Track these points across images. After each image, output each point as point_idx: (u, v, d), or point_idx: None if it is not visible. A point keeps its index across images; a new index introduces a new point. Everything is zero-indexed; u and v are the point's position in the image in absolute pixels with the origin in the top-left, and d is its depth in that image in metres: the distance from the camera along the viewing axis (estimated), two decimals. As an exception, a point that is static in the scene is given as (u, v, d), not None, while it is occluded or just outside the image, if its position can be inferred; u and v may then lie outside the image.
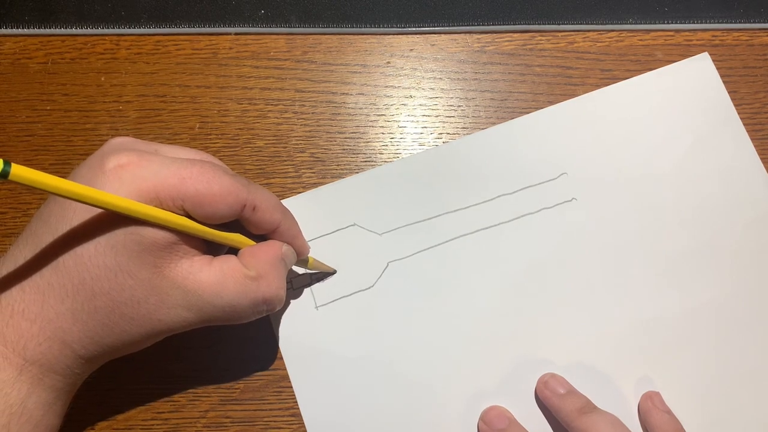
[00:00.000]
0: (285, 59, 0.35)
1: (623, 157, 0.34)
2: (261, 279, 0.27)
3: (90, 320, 0.24)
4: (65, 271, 0.24)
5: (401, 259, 0.33)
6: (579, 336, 0.32)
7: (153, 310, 0.25)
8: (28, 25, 0.35)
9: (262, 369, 0.32)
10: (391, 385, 0.32)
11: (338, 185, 0.34)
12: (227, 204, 0.25)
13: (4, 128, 0.35)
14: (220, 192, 0.25)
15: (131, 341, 0.26)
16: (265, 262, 0.27)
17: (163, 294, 0.25)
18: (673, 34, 0.36)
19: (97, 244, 0.24)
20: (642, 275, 0.33)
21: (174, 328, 0.26)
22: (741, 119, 0.35)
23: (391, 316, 0.32)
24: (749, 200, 0.34)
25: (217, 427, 0.32)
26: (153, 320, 0.25)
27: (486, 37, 0.36)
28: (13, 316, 0.24)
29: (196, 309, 0.26)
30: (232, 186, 0.26)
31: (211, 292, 0.26)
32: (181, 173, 0.25)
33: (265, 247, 0.28)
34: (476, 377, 0.32)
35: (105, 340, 0.25)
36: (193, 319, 0.26)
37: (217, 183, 0.25)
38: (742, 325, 0.32)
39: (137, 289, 0.24)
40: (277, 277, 0.27)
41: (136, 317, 0.25)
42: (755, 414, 0.32)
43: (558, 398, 0.30)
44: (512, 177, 0.34)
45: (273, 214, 0.27)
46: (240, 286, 0.26)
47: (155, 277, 0.25)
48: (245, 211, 0.26)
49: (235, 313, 0.27)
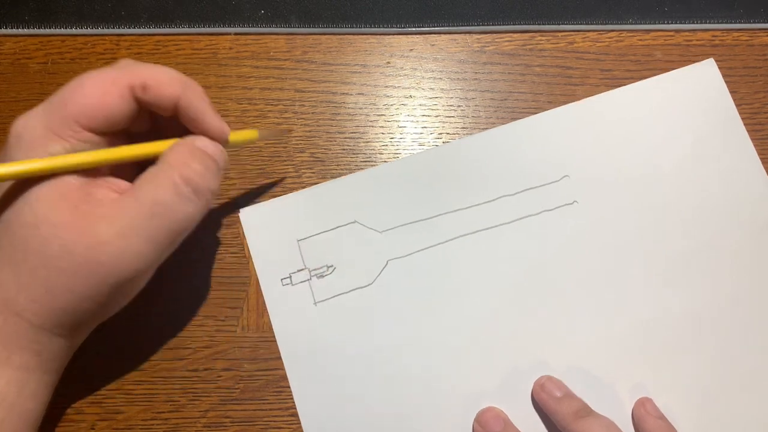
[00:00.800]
0: (285, 59, 0.36)
1: (625, 161, 0.34)
2: (171, 163, 0.25)
3: (31, 284, 0.23)
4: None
5: (401, 258, 0.33)
6: (577, 339, 0.32)
7: (87, 254, 0.23)
8: (28, 25, 0.35)
9: (261, 369, 0.32)
10: (387, 383, 0.32)
11: (340, 182, 0.34)
12: (113, 95, 0.24)
13: (4, 128, 0.35)
14: (97, 89, 0.24)
15: (84, 300, 0.24)
16: (176, 152, 0.26)
17: (90, 232, 0.23)
18: (673, 34, 0.36)
19: (15, 207, 0.24)
20: (642, 279, 0.33)
21: (125, 268, 0.24)
22: (741, 119, 0.35)
23: (390, 314, 0.32)
24: (749, 202, 0.34)
25: (217, 427, 0.32)
26: (92, 265, 0.23)
27: (486, 37, 0.36)
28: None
29: (128, 231, 0.24)
30: (107, 76, 0.25)
31: (132, 202, 0.24)
32: (59, 98, 0.24)
33: (176, 143, 0.26)
34: (473, 378, 0.32)
35: (54, 304, 0.24)
36: (138, 246, 0.24)
37: (90, 83, 0.25)
38: (742, 328, 0.32)
39: (63, 236, 0.23)
40: (190, 159, 0.25)
41: (73, 268, 0.23)
42: (753, 417, 0.32)
43: (554, 401, 0.30)
44: (514, 178, 0.34)
45: (167, 88, 0.25)
46: (153, 181, 0.24)
47: (77, 219, 0.23)
48: (136, 92, 0.25)
49: (165, 209, 0.24)
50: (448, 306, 0.32)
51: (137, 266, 0.24)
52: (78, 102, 0.24)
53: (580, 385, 0.31)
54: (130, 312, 0.29)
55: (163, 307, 0.32)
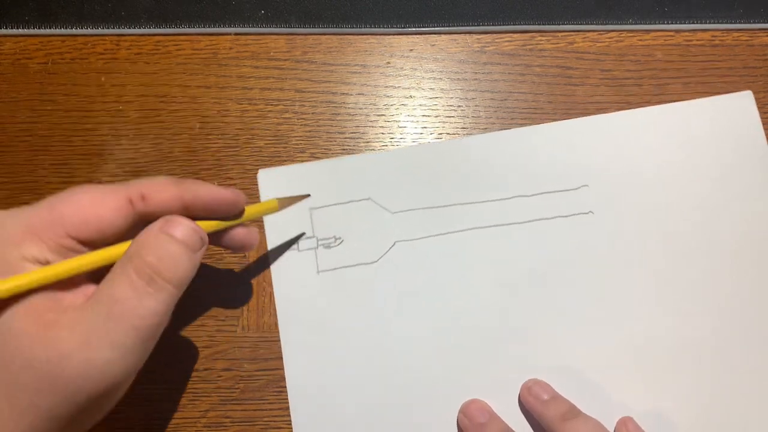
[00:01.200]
0: (285, 59, 0.36)
1: (648, 181, 0.34)
2: (128, 251, 0.23)
3: (16, 419, 0.21)
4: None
5: (409, 241, 0.33)
6: (570, 347, 0.32)
7: (49, 368, 0.21)
8: (28, 25, 0.35)
9: (261, 369, 0.32)
10: (375, 361, 0.32)
11: (360, 158, 0.34)
12: (110, 207, 0.23)
13: (4, 128, 0.35)
14: (95, 200, 0.23)
15: (51, 418, 0.21)
16: (136, 241, 0.23)
17: (53, 344, 0.21)
18: (673, 35, 0.36)
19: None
20: (643, 300, 0.33)
21: (90, 383, 0.21)
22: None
23: (389, 294, 0.32)
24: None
25: (217, 427, 0.32)
26: (56, 380, 0.21)
27: (486, 38, 0.36)
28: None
29: (90, 338, 0.21)
30: (105, 189, 0.24)
31: (89, 306, 0.22)
32: (49, 203, 0.23)
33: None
34: (461, 370, 0.32)
35: (20, 423, 0.21)
36: (101, 354, 0.21)
37: (87, 195, 0.23)
38: (741, 363, 0.32)
39: (24, 350, 0.21)
40: (146, 241, 0.23)
41: (36, 384, 0.21)
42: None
43: (541, 404, 0.30)
44: (533, 180, 0.34)
45: (166, 191, 0.24)
46: (111, 273, 0.22)
47: (39, 329, 0.21)
48: (136, 205, 0.24)
49: (125, 308, 0.22)
50: (447, 295, 0.33)
51: (106, 378, 0.22)
52: (70, 208, 0.23)
53: (569, 390, 0.31)
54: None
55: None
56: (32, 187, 0.34)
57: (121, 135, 0.34)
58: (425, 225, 0.33)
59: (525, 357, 0.32)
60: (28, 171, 0.34)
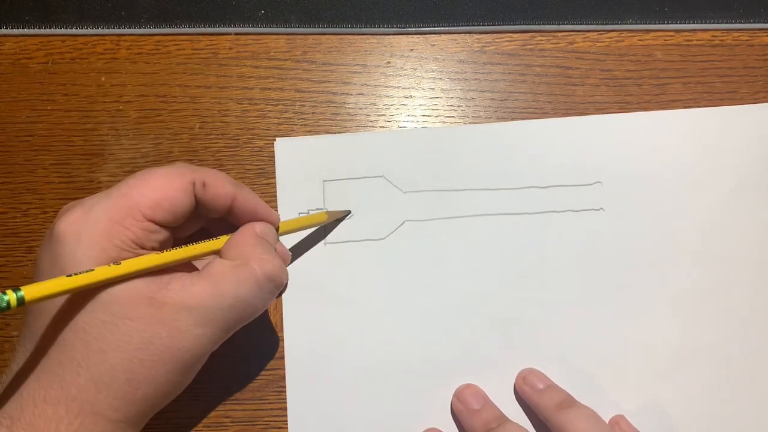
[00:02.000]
0: (285, 59, 0.36)
1: (662, 184, 0.34)
2: (250, 260, 0.26)
3: (112, 382, 0.24)
4: (68, 345, 0.24)
5: (418, 221, 0.33)
6: (569, 339, 0.32)
7: (168, 343, 0.24)
8: (28, 25, 0.35)
9: (262, 369, 0.32)
10: (372, 336, 0.32)
11: (377, 135, 0.34)
12: (178, 189, 0.26)
13: (4, 128, 0.35)
14: (165, 183, 0.25)
15: (163, 384, 0.25)
16: (244, 243, 0.27)
17: (171, 322, 0.24)
18: (673, 34, 0.36)
19: (87, 309, 0.24)
20: (645, 300, 0.33)
21: (200, 352, 0.25)
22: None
23: (394, 272, 0.33)
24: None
25: (217, 427, 0.32)
26: (174, 353, 0.24)
27: (486, 37, 0.36)
28: (36, 405, 0.23)
29: (207, 321, 0.25)
30: (172, 171, 0.26)
31: (211, 296, 0.25)
32: (121, 191, 0.25)
33: (240, 232, 0.28)
34: (458, 354, 0.32)
35: (135, 395, 0.24)
36: (213, 333, 0.25)
37: (157, 177, 0.26)
38: (745, 369, 0.32)
39: (143, 329, 0.24)
40: (265, 252, 0.27)
41: (155, 358, 0.24)
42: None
43: (537, 394, 0.30)
44: (548, 172, 0.34)
45: (224, 186, 0.27)
46: (235, 277, 0.25)
47: (155, 310, 0.24)
48: (196, 189, 0.26)
49: (245, 305, 0.26)
50: (451, 277, 0.33)
51: (211, 349, 0.26)
52: (144, 194, 0.25)
53: (565, 382, 0.31)
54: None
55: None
56: (32, 187, 0.34)
57: (121, 135, 0.34)
58: (436, 207, 0.33)
59: (523, 345, 0.32)
60: (28, 171, 0.34)
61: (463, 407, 0.30)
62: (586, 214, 0.34)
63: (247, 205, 0.28)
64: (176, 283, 0.25)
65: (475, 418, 0.30)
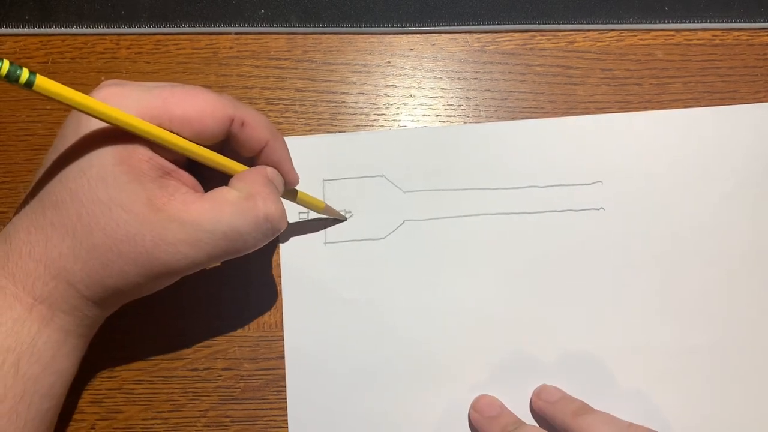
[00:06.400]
0: (285, 59, 0.35)
1: (662, 184, 0.34)
2: (256, 196, 0.26)
3: (90, 259, 0.24)
4: (63, 208, 0.24)
5: (418, 221, 0.33)
6: (568, 339, 0.32)
7: (150, 248, 0.24)
8: (28, 25, 0.35)
9: (262, 368, 0.32)
10: (375, 334, 0.32)
11: (378, 135, 0.34)
12: (215, 118, 0.25)
13: (4, 127, 0.35)
14: (207, 107, 0.25)
15: (133, 283, 0.25)
16: (255, 182, 0.27)
17: (160, 229, 0.24)
18: (674, 34, 0.36)
19: (89, 178, 0.24)
20: (645, 300, 0.33)
21: (176, 268, 0.25)
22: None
23: (394, 271, 0.33)
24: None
25: (217, 427, 0.32)
26: (151, 261, 0.24)
27: (486, 37, 0.36)
28: (21, 257, 0.24)
29: (195, 242, 0.25)
30: (218, 101, 0.26)
31: (209, 218, 0.25)
32: (163, 94, 0.25)
33: (253, 170, 0.28)
34: (460, 352, 0.32)
35: (106, 281, 0.25)
36: (195, 256, 0.25)
37: (202, 99, 0.25)
38: (743, 371, 0.32)
39: (132, 225, 0.24)
40: (272, 194, 0.27)
41: (133, 256, 0.24)
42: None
43: (551, 406, 0.30)
44: (548, 171, 0.34)
45: (261, 131, 0.27)
46: (236, 207, 0.25)
47: (149, 212, 0.24)
48: (234, 126, 0.26)
49: (239, 237, 0.26)
50: (451, 278, 0.33)
51: (188, 269, 0.26)
52: (180, 105, 0.25)
53: (566, 382, 0.31)
54: (131, 311, 0.29)
55: (164, 306, 0.32)
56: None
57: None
58: (436, 207, 0.33)
59: (523, 345, 0.32)
60: (28, 170, 0.34)
61: (479, 416, 0.31)
62: (586, 214, 0.33)
63: (273, 155, 0.28)
64: (179, 195, 0.25)
65: (493, 423, 0.30)
